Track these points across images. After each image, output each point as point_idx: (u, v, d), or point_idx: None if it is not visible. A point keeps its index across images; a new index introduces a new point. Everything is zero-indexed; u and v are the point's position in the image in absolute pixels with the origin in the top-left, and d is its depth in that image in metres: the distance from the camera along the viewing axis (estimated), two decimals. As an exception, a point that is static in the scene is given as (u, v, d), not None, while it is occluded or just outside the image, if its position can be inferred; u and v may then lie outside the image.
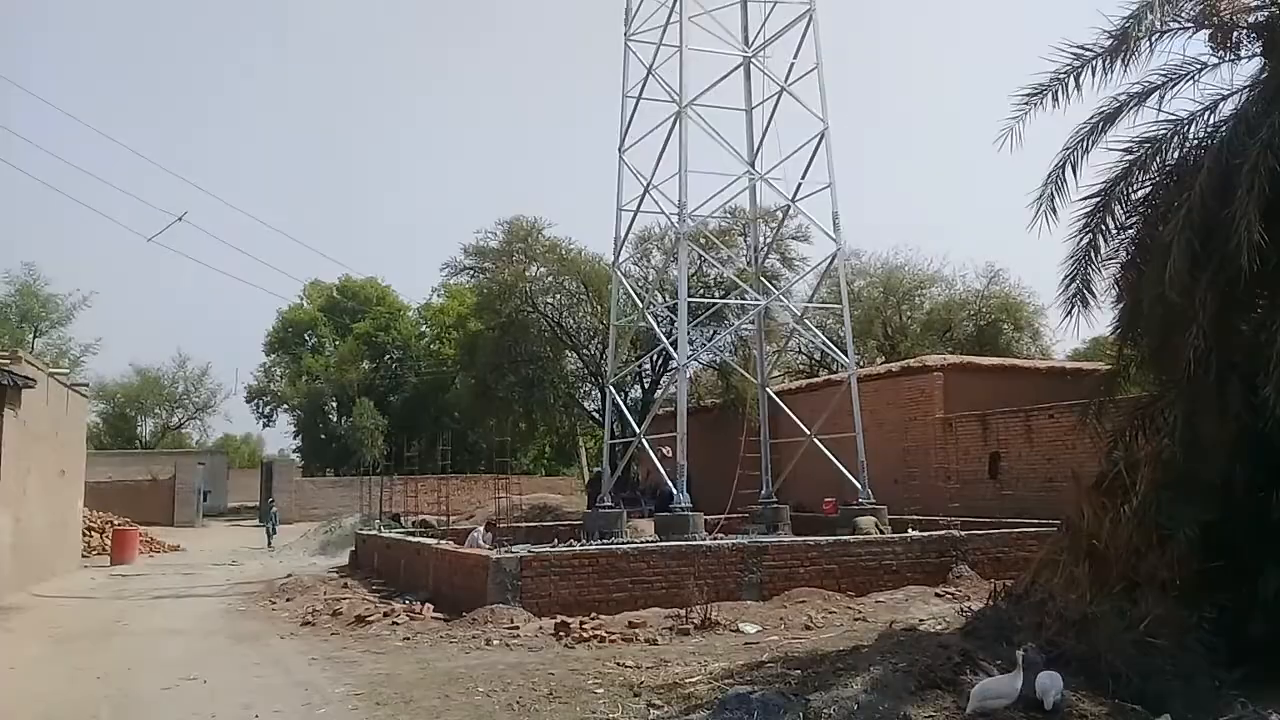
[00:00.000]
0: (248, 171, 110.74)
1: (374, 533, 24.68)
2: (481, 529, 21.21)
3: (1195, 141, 11.26)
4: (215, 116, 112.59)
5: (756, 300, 26.65)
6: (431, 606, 15.96)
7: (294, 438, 62.47)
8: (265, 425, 66.26)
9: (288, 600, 18.81)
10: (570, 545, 19.32)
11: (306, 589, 19.91)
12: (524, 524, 24.85)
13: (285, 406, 62.37)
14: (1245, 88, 11.17)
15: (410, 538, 21.77)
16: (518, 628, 13.87)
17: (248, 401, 64.63)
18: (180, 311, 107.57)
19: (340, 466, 56.26)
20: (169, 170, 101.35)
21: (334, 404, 60.16)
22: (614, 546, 17.17)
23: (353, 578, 21.75)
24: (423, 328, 62.60)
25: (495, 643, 13.27)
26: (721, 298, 31.91)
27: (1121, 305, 11.76)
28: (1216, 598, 9.46)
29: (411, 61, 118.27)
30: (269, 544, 34.32)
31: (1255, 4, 11.24)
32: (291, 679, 11.83)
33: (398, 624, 15.13)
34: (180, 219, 27.86)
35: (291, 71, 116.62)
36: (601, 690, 10.29)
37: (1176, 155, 11.33)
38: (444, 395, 51.21)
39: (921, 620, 13.56)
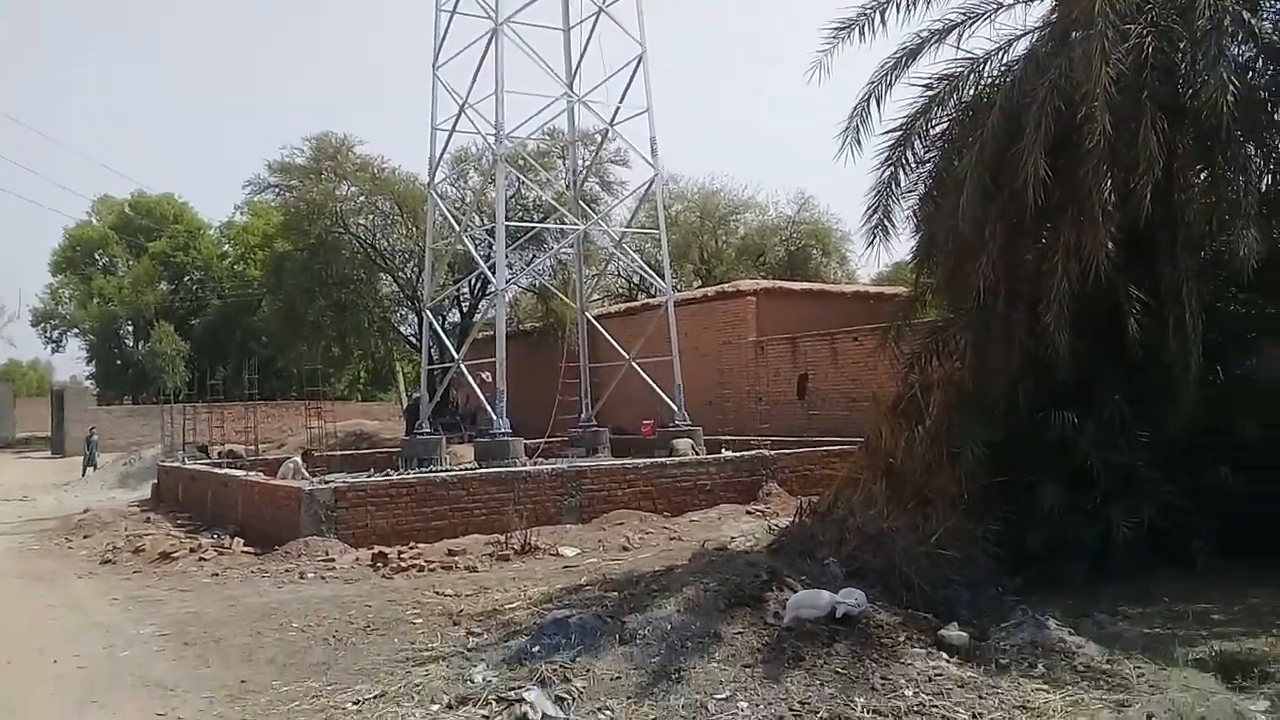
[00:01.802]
0: (31, 82, 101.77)
1: (177, 464, 23.65)
2: (298, 459, 20.62)
3: (990, 80, 11.82)
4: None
5: (575, 224, 26.56)
6: (241, 540, 15.51)
7: (87, 364, 58.89)
8: (54, 351, 62.22)
9: (85, 537, 17.93)
10: (387, 474, 19.10)
11: (105, 525, 18.99)
12: (340, 452, 24.28)
13: (76, 330, 58.52)
14: (1037, 28, 11.76)
15: (217, 469, 20.98)
16: (333, 560, 13.65)
17: (34, 325, 60.30)
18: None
19: (138, 394, 53.41)
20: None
21: (130, 328, 56.85)
22: (432, 474, 17.05)
23: (156, 512, 20.79)
24: (225, 248, 59.58)
25: (310, 576, 13.05)
26: (540, 221, 31.64)
27: (920, 235, 12.33)
28: (1001, 511, 10.19)
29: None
30: (85, 472, 32.59)
31: (1049, -52, 11.79)
32: (91, 620, 11.37)
33: (205, 560, 14.64)
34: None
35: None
36: (420, 620, 10.28)
37: (972, 93, 11.87)
38: (250, 318, 49.01)
39: (733, 538, 14.10)
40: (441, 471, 18.19)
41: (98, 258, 59.01)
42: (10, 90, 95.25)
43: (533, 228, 30.80)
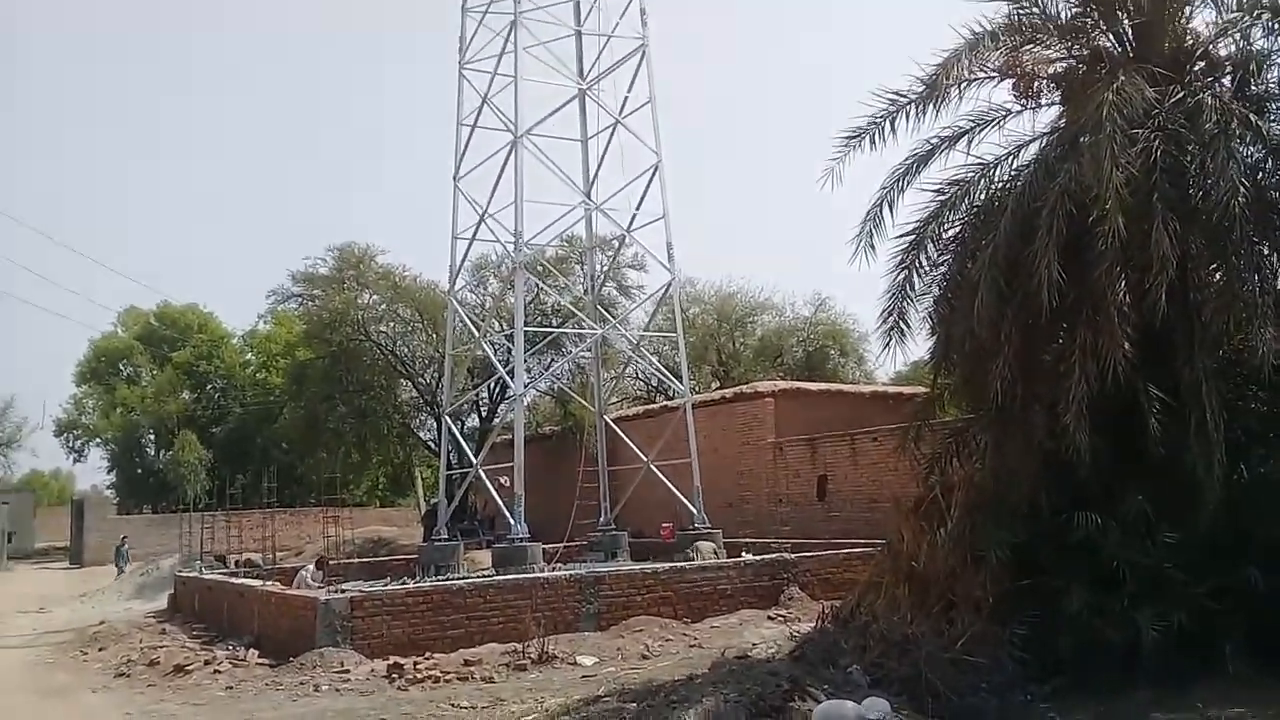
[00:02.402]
0: (57, 196, 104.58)
1: (194, 574, 23.52)
2: (312, 567, 20.47)
3: (1000, 184, 12.00)
4: (21, 137, 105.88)
5: (593, 329, 26.81)
6: (256, 652, 15.31)
7: (108, 473, 59.09)
8: (76, 460, 62.31)
9: (100, 650, 17.76)
10: (404, 581, 18.95)
11: (121, 637, 18.82)
12: (356, 559, 24.13)
13: (98, 440, 58.88)
14: (1045, 134, 12.00)
15: (233, 579, 20.85)
16: (348, 671, 13.44)
17: (57, 436, 60.67)
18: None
19: (158, 503, 53.43)
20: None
21: (151, 437, 57.16)
22: (449, 582, 16.89)
23: (171, 623, 20.63)
24: (248, 356, 60.24)
25: (324, 688, 12.84)
26: (559, 326, 31.94)
27: (936, 337, 12.37)
28: (1027, 615, 9.99)
29: (235, 82, 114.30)
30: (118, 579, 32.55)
31: (1055, 55, 12.10)
32: (103, 737, 11.19)
33: (220, 672, 14.44)
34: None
35: (104, 90, 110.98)
36: (435, 734, 10.08)
37: (983, 197, 12.04)
38: (271, 426, 49.32)
39: (754, 645, 13.82)
40: (458, 579, 18.02)
41: (122, 368, 59.72)
42: (38, 204, 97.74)
43: (551, 332, 31.07)
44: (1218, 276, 10.70)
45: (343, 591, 15.69)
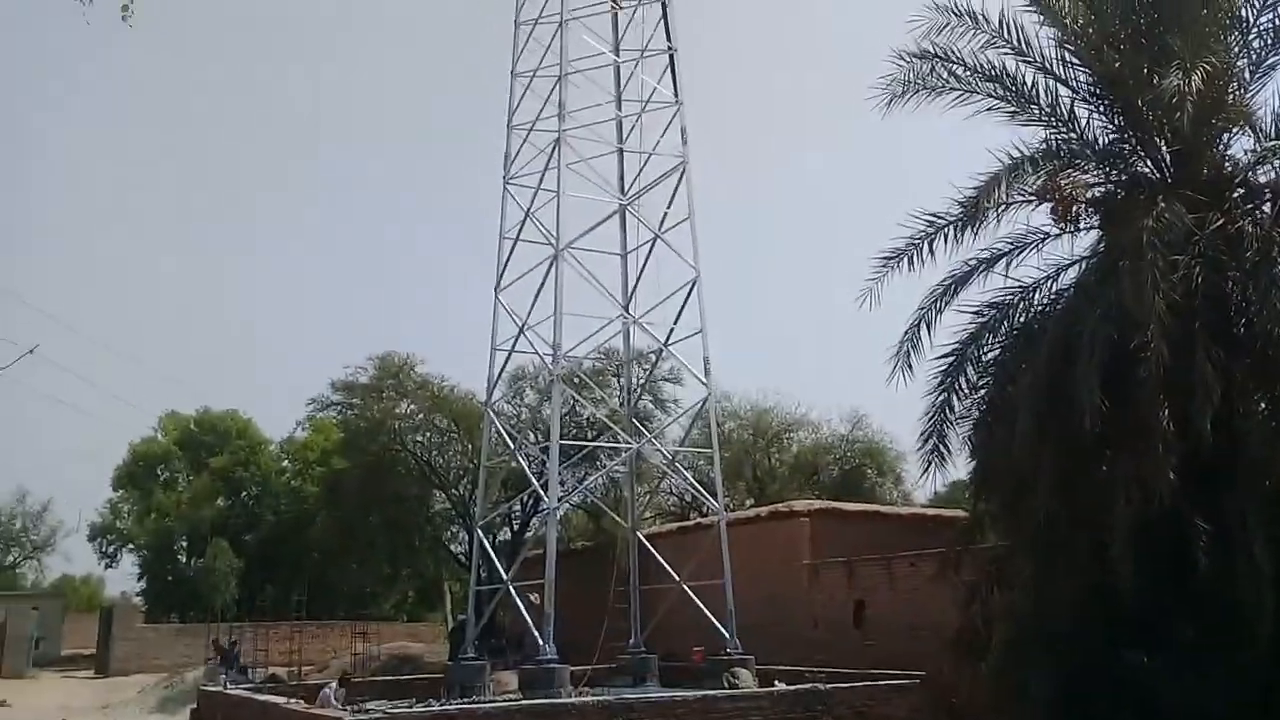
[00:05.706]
0: (100, 299, 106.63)
1: (218, 689, 23.13)
2: (334, 684, 20.06)
3: (1040, 307, 11.96)
4: (63, 241, 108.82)
5: (629, 443, 26.62)
6: (277, 771, 14.91)
7: (139, 580, 58.81)
8: (108, 566, 61.95)
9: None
10: (429, 703, 18.49)
11: (141, 752, 18.48)
12: (381, 677, 23.64)
13: (131, 546, 58.90)
14: (1084, 258, 12.00)
15: (257, 695, 20.45)
16: (368, 794, 13.02)
17: (90, 540, 60.52)
18: (20, 444, 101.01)
19: (187, 612, 53.06)
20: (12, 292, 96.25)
21: (184, 543, 57.13)
22: (474, 706, 16.42)
23: (193, 740, 20.24)
24: (284, 463, 60.48)
25: (343, 813, 12.41)
26: (594, 439, 31.78)
27: (975, 462, 12.17)
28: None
29: (282, 195, 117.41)
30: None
31: (1093, 180, 12.15)
32: None
33: (237, 792, 14.04)
34: (31, 351, 26.65)
35: (147, 191, 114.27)
36: None
37: (1023, 320, 11.99)
38: (304, 534, 49.21)
39: (788, 781, 13.26)
40: (484, 703, 17.54)
41: (159, 473, 60.04)
42: (70, 303, 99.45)
43: (586, 446, 30.87)
44: (1263, 406, 10.47)
45: (365, 711, 15.30)
